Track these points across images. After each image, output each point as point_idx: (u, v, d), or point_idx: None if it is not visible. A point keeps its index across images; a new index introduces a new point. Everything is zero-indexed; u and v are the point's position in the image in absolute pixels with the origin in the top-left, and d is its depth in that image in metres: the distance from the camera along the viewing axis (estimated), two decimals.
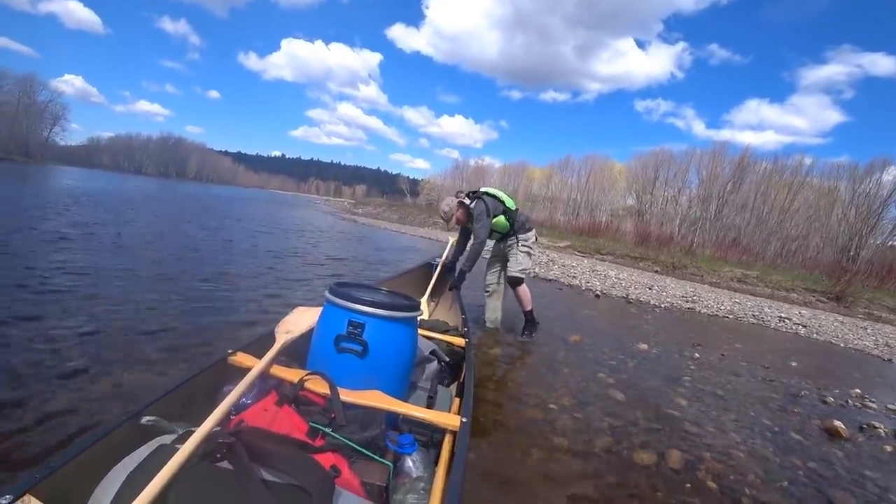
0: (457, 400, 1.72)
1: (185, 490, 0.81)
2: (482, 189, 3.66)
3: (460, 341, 2.26)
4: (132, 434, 1.02)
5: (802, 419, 2.82)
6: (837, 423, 2.71)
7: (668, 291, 8.16)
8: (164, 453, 0.87)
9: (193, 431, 0.97)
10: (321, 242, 9.87)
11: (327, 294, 1.52)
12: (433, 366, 1.86)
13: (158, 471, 0.81)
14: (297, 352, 1.63)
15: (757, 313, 7.15)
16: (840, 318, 8.27)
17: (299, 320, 1.81)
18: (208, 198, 24.15)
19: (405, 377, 1.59)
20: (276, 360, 1.49)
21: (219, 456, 0.88)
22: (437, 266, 3.82)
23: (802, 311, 8.13)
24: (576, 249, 16.82)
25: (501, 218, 3.57)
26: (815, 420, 2.83)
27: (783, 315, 7.22)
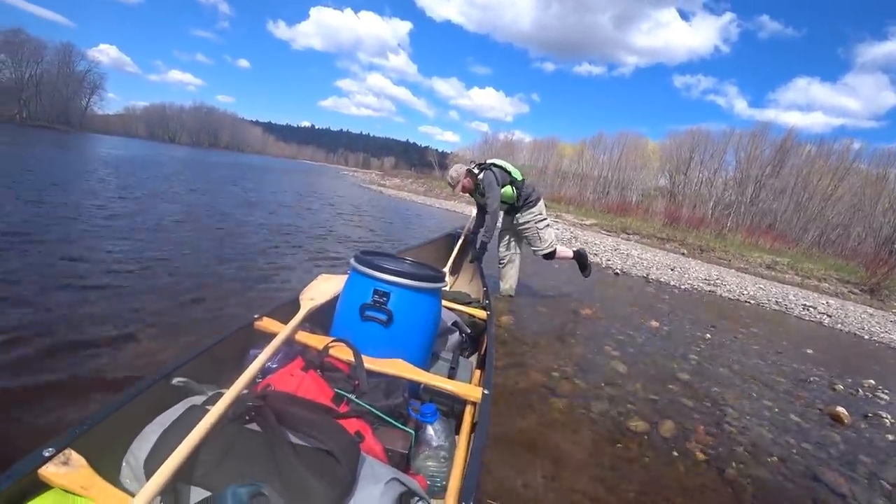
0: (477, 371, 1.74)
1: (217, 448, 0.84)
2: (489, 161, 3.68)
3: (482, 314, 2.28)
4: (164, 394, 1.05)
5: (806, 403, 2.84)
6: (841, 409, 2.72)
7: (690, 273, 8.05)
8: (195, 413, 0.91)
9: (222, 393, 1.01)
10: (346, 213, 10.06)
11: (353, 262, 1.53)
12: (455, 337, 1.89)
13: (191, 429, 0.84)
14: (321, 319, 1.67)
15: (780, 300, 7.00)
16: (870, 311, 8.01)
17: (323, 287, 1.84)
18: (245, 168, 24.61)
19: (428, 347, 1.61)
20: (301, 326, 1.52)
21: (248, 418, 0.90)
22: (459, 237, 3.81)
23: (830, 301, 7.91)
24: (602, 228, 16.59)
25: (508, 188, 3.62)
26: (818, 405, 2.84)
27: (808, 303, 7.05)
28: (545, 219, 3.75)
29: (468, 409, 1.35)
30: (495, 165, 3.64)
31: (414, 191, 23.08)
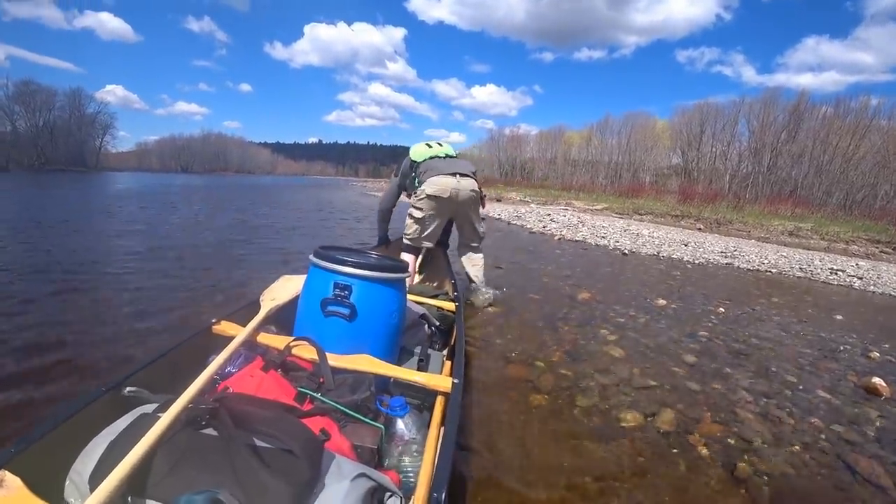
0: (448, 363, 1.70)
1: (169, 457, 0.78)
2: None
3: (450, 305, 2.25)
4: (113, 405, 1.00)
5: (835, 376, 2.47)
6: (877, 379, 2.34)
7: (705, 247, 7.59)
8: (145, 421, 0.85)
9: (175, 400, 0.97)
10: (346, 219, 9.90)
11: (312, 258, 1.50)
12: (424, 330, 1.86)
13: (140, 439, 0.78)
14: (283, 320, 1.63)
15: (805, 266, 6.51)
16: None
17: (285, 287, 1.79)
18: (253, 189, 24.87)
19: (395, 341, 1.58)
20: (262, 328, 1.48)
21: (203, 422, 0.85)
22: None
23: (860, 263, 7.36)
24: (613, 211, 16.13)
25: (412, 173, 3.02)
26: (850, 377, 2.47)
27: (836, 267, 6.54)
28: (418, 208, 2.87)
29: (439, 400, 1.31)
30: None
31: None
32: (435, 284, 2.95)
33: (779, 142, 24.16)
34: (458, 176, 2.81)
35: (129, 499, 0.74)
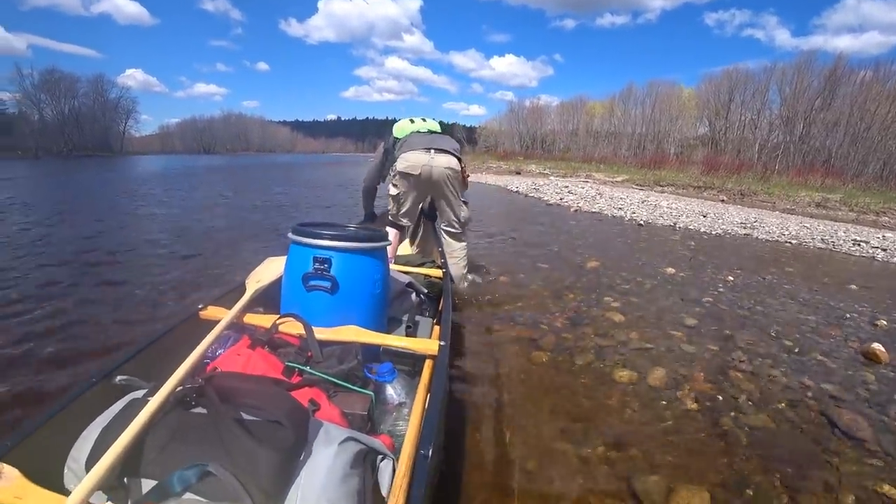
0: (437, 328, 1.72)
1: (160, 437, 0.81)
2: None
3: (437, 272, 2.27)
4: (105, 394, 1.02)
5: (836, 342, 2.50)
6: (877, 345, 2.37)
7: (724, 219, 7.47)
8: (136, 406, 0.87)
9: None
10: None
11: (290, 235, 1.52)
12: (411, 299, 1.88)
13: (131, 423, 0.81)
14: (270, 300, 1.65)
15: (827, 238, 6.37)
16: None
17: (269, 269, 1.82)
18: (275, 168, 25.05)
19: (381, 310, 1.59)
20: (248, 309, 1.51)
21: (192, 402, 0.88)
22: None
23: (887, 235, 7.14)
24: (633, 183, 15.85)
25: (394, 150, 2.87)
26: (851, 343, 2.50)
27: (859, 238, 6.39)
28: (394, 185, 2.75)
29: (427, 364, 1.34)
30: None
31: None
32: (422, 253, 2.96)
33: (812, 109, 23.01)
34: (432, 151, 2.62)
35: (125, 479, 0.77)
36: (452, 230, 2.85)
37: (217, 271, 3.25)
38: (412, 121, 2.87)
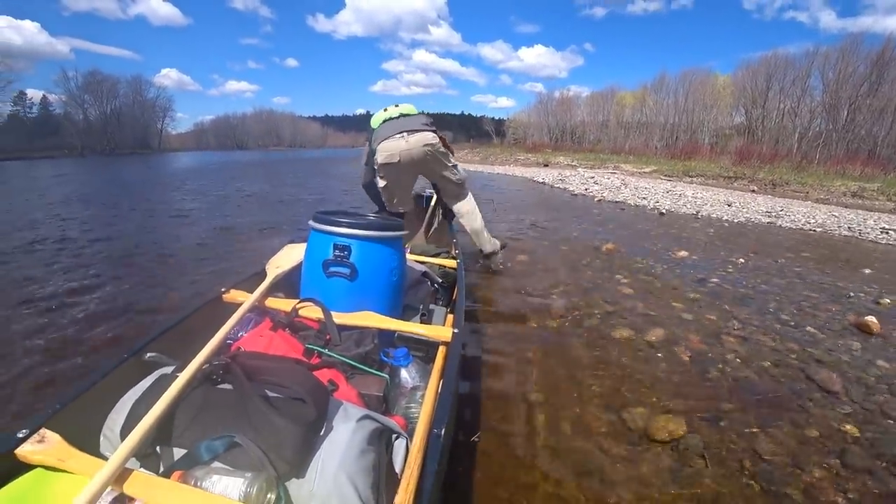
0: (450, 316, 1.76)
1: (189, 410, 0.87)
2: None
3: (452, 263, 2.33)
4: (135, 369, 1.08)
5: (832, 316, 2.68)
6: (871, 318, 2.54)
7: (749, 208, 7.49)
8: (166, 381, 0.92)
9: None
10: None
11: (311, 222, 1.58)
12: (427, 288, 1.95)
13: (161, 397, 0.87)
14: (289, 285, 1.73)
15: (854, 226, 6.35)
16: None
17: (289, 255, 1.89)
18: (306, 163, 25.51)
19: (397, 297, 1.65)
20: (269, 293, 1.56)
21: (218, 378, 0.92)
22: (427, 197, 3.54)
23: None
24: (661, 173, 15.71)
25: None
26: (849, 316, 2.67)
27: (888, 227, 6.34)
28: (381, 177, 2.78)
29: (440, 350, 1.39)
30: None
31: (469, 161, 23.03)
32: (436, 244, 2.98)
33: (858, 95, 22.03)
34: (405, 134, 2.62)
35: (157, 447, 0.83)
36: (455, 192, 2.97)
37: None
38: (385, 109, 2.87)
